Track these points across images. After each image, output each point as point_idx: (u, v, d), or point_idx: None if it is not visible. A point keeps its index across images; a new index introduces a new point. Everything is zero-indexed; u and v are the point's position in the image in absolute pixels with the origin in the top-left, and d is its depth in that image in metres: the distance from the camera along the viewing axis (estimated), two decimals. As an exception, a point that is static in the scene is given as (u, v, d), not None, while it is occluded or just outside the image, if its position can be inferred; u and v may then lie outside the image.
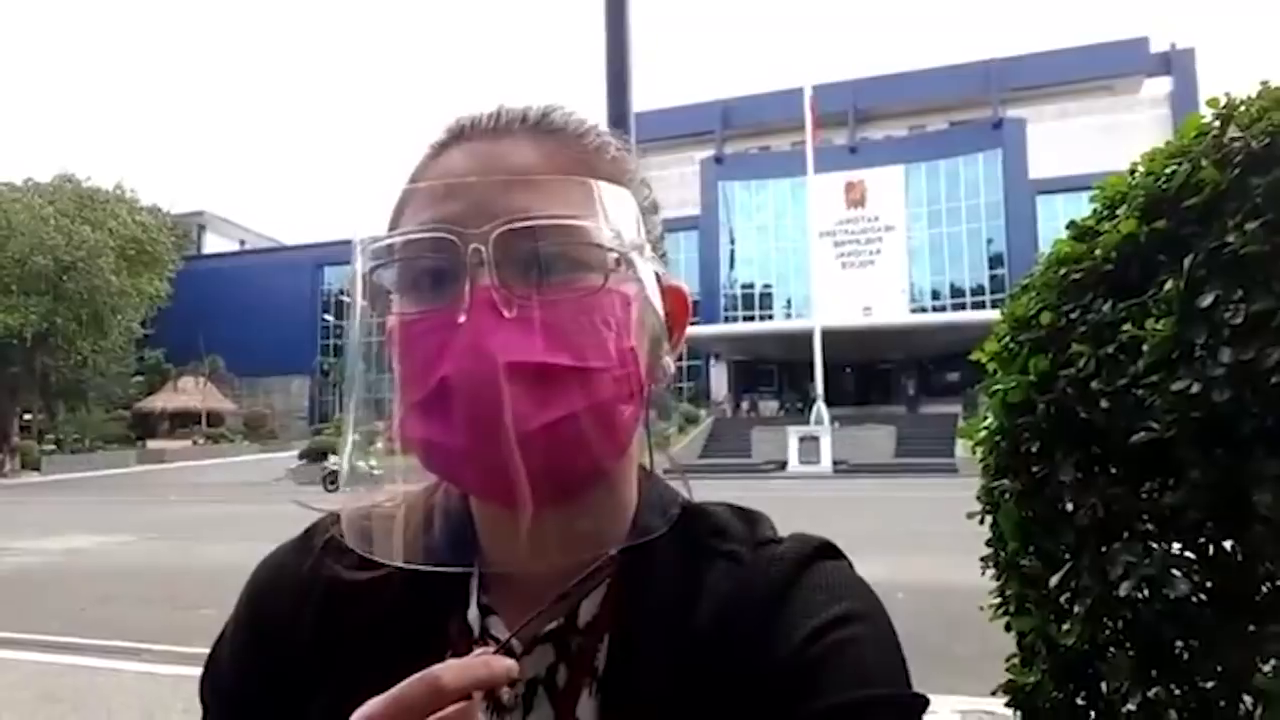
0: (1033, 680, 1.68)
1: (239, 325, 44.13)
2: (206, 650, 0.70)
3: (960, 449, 20.20)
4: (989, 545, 1.82)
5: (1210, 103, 1.50)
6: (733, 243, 41.70)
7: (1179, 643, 1.39)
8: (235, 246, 55.59)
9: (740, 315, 40.71)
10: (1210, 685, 1.36)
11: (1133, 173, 1.62)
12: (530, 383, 0.50)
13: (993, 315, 1.85)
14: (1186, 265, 1.33)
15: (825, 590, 0.60)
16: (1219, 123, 1.46)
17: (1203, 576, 1.37)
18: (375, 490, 0.60)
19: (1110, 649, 1.49)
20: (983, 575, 1.88)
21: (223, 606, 0.68)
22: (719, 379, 40.86)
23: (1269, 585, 1.32)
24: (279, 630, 0.65)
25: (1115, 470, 1.47)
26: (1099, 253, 1.53)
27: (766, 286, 41.40)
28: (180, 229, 37.89)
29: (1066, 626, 1.50)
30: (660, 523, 0.62)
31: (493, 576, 0.63)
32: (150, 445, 37.48)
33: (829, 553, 0.65)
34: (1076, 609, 1.47)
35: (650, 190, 0.66)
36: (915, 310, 38.13)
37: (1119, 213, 1.55)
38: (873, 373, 39.96)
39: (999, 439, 1.70)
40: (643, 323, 0.57)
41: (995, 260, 37.87)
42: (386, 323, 0.56)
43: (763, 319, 40.05)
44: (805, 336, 27.80)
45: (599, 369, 0.53)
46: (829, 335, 27.09)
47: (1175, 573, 1.34)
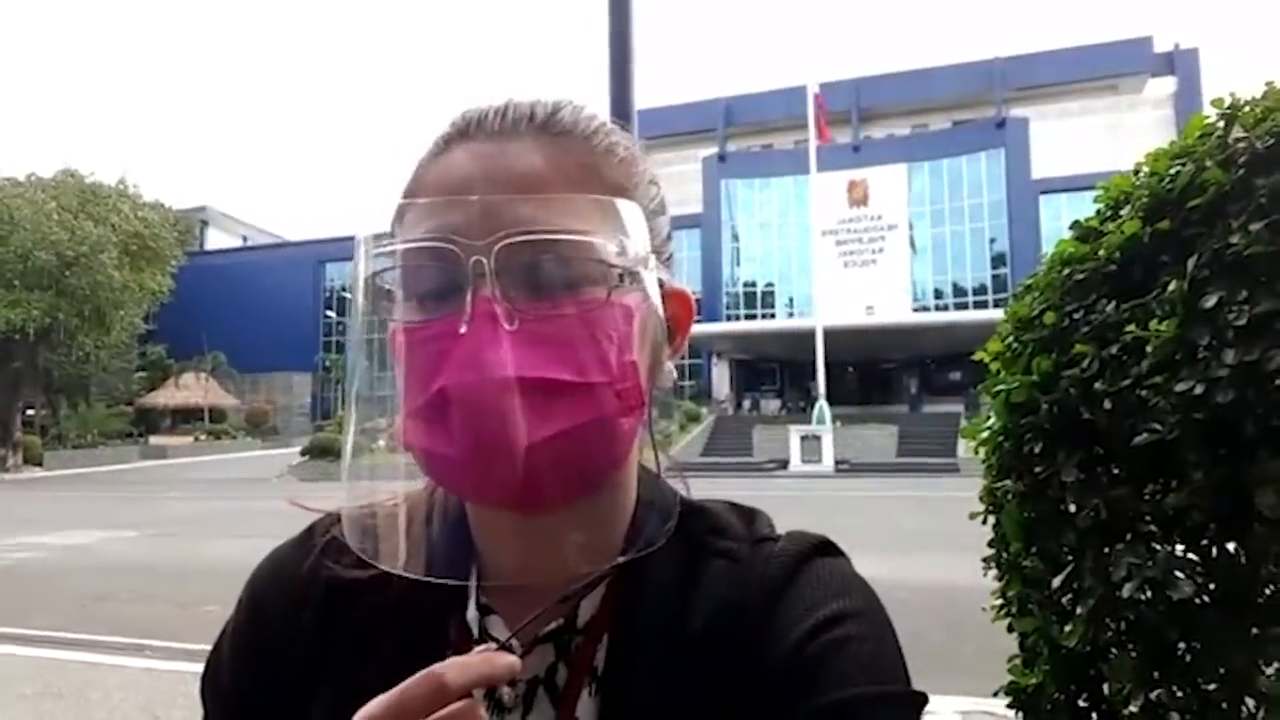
0: (1035, 681, 1.67)
1: (241, 321, 44.22)
2: (208, 646, 0.70)
3: (962, 449, 20.19)
4: (991, 545, 1.82)
5: (1214, 103, 1.49)
6: (735, 241, 41.70)
7: (1181, 644, 1.39)
8: (238, 242, 55.64)
9: (742, 314, 40.71)
10: (1213, 687, 1.36)
11: (1136, 173, 1.61)
12: (529, 397, 0.50)
13: (996, 315, 1.85)
14: (1190, 266, 1.33)
15: (823, 587, 0.60)
16: (1223, 123, 1.46)
17: (1205, 578, 1.36)
18: (375, 490, 0.60)
19: (1112, 650, 1.49)
20: (985, 575, 1.88)
21: (224, 602, 0.67)
22: (721, 377, 40.84)
23: (1272, 587, 1.32)
24: (279, 630, 0.65)
25: (1118, 471, 1.47)
26: (1103, 253, 1.53)
27: (769, 285, 41.40)
28: (183, 225, 37.73)
29: (1069, 627, 1.50)
30: (659, 527, 0.61)
31: (492, 577, 0.63)
32: (152, 441, 37.51)
33: (827, 550, 0.65)
34: (1079, 610, 1.47)
35: (659, 189, 0.65)
36: (918, 309, 38.12)
37: (1123, 213, 1.55)
38: (875, 372, 39.95)
39: (1002, 439, 1.70)
40: (645, 332, 0.57)
41: (998, 260, 37.84)
42: (388, 326, 0.56)
43: (765, 317, 40.05)
44: (807, 335, 27.77)
45: (599, 384, 0.53)
46: (831, 334, 27.08)
47: (1178, 574, 1.33)
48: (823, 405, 25.27)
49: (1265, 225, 1.25)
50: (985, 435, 1.77)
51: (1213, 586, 1.36)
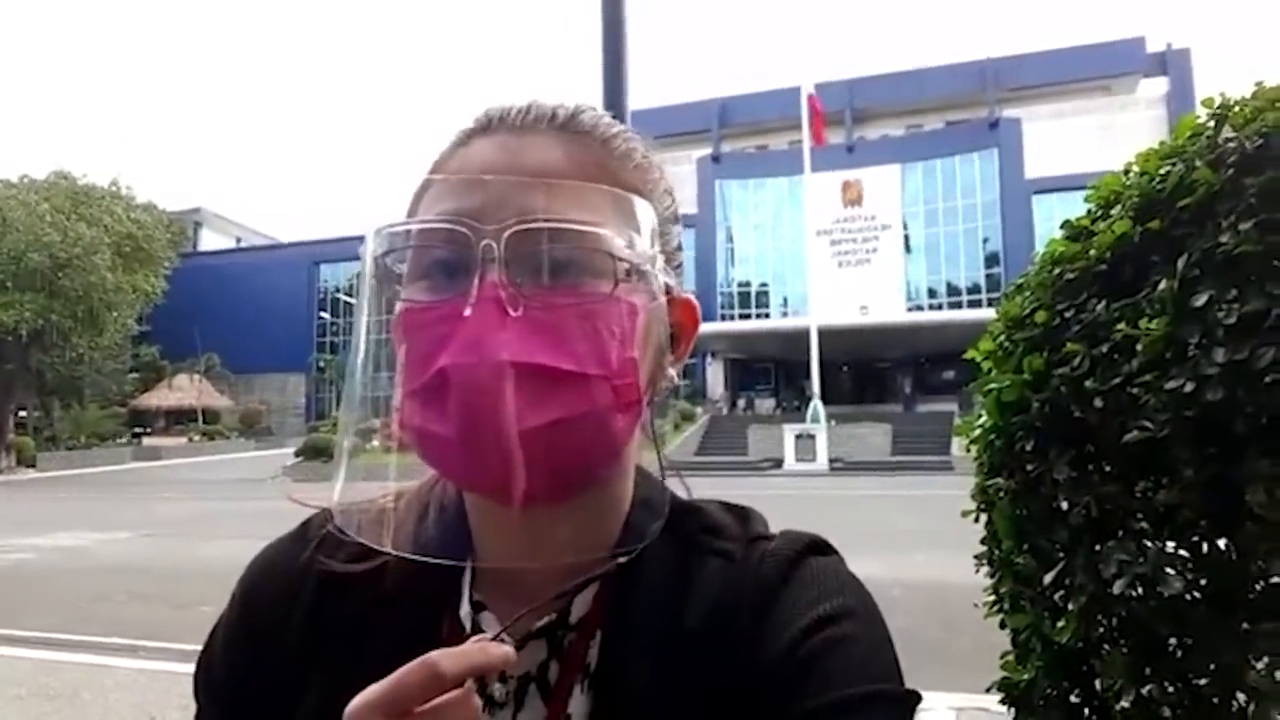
0: (1027, 677, 1.68)
1: (235, 322, 44.05)
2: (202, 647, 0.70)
3: (956, 447, 20.23)
4: (984, 543, 1.82)
5: (1205, 103, 1.50)
6: (730, 241, 41.70)
7: (1173, 640, 1.40)
8: (231, 244, 55.42)
9: (737, 313, 40.70)
10: (1204, 682, 1.37)
11: (1127, 173, 1.62)
12: (528, 383, 0.50)
13: (988, 314, 1.86)
14: (1180, 265, 1.33)
15: (816, 587, 0.61)
16: (1213, 123, 1.47)
17: (1196, 575, 1.37)
18: (372, 482, 0.61)
19: (1104, 646, 1.50)
20: (977, 573, 1.88)
21: (219, 603, 0.68)
22: (715, 377, 40.84)
23: (1262, 583, 1.33)
24: (272, 625, 0.65)
25: (1109, 469, 1.48)
26: (1093, 252, 1.54)
27: (763, 285, 41.40)
28: (176, 226, 37.69)
29: (1061, 624, 1.50)
30: (653, 525, 0.62)
31: (485, 573, 0.63)
32: (146, 442, 37.41)
33: (820, 549, 0.65)
34: (1071, 606, 1.48)
35: (673, 199, 0.66)
36: (911, 309, 38.14)
37: (1113, 213, 1.56)
38: (869, 371, 40.00)
39: (994, 437, 1.71)
40: (648, 332, 0.57)
41: (991, 259, 37.90)
42: (395, 307, 0.57)
43: (759, 317, 40.06)
44: (802, 335, 27.77)
45: (598, 376, 0.53)
46: (825, 334, 27.08)
47: (1169, 571, 1.34)
48: (817, 404, 25.28)
49: (1254, 224, 1.26)
50: (977, 434, 1.78)
51: (1203, 583, 1.37)
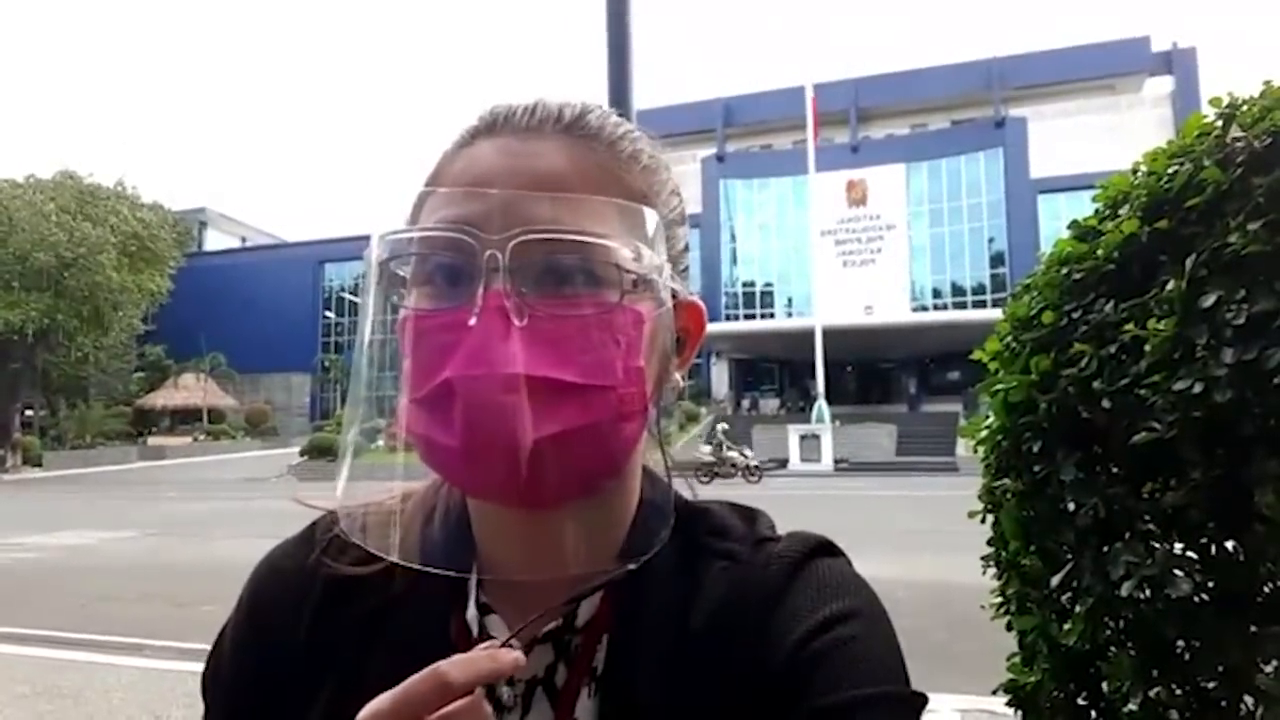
0: (1034, 680, 1.68)
1: (240, 322, 44.19)
2: (208, 646, 0.70)
3: (961, 448, 20.19)
4: (990, 544, 1.82)
5: (1212, 102, 1.50)
6: (734, 241, 41.69)
7: (1180, 643, 1.39)
8: (236, 243, 55.57)
9: (741, 313, 40.70)
10: (1212, 685, 1.36)
11: (1134, 172, 1.62)
12: (533, 395, 0.50)
13: (994, 314, 1.85)
14: (1188, 265, 1.33)
15: (823, 588, 0.60)
16: (1221, 122, 1.46)
17: (1204, 576, 1.36)
18: (378, 485, 0.60)
19: (1111, 649, 1.49)
20: (984, 574, 1.88)
21: (224, 602, 0.68)
22: (720, 377, 40.85)
23: (1270, 585, 1.32)
24: (279, 627, 0.65)
25: (1117, 470, 1.47)
26: (1101, 252, 1.53)
27: (768, 285, 41.39)
28: (181, 226, 37.83)
29: (1068, 626, 1.50)
30: (660, 530, 0.61)
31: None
32: (151, 441, 37.48)
33: (827, 550, 0.65)
34: (1078, 608, 1.47)
35: (680, 200, 0.66)
36: (916, 309, 38.11)
37: (1121, 212, 1.55)
38: (874, 371, 39.98)
39: (1000, 438, 1.70)
40: (654, 340, 0.57)
41: (996, 259, 37.85)
42: (396, 322, 0.56)
43: (764, 317, 40.04)
44: (806, 335, 27.77)
45: (603, 387, 0.53)
46: (830, 334, 27.07)
47: (1177, 573, 1.33)
48: (822, 405, 25.28)
49: (1263, 224, 1.25)
50: (984, 434, 1.77)
51: (1211, 585, 1.36)
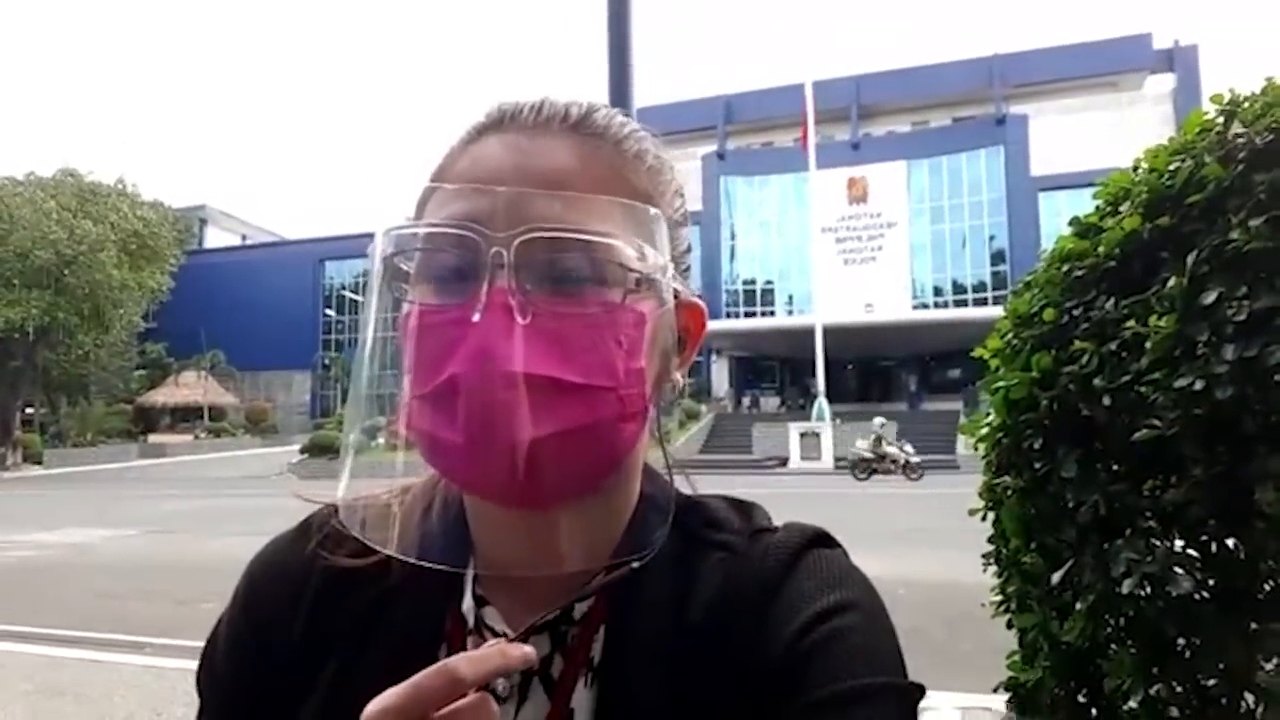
0: (1034, 677, 1.68)
1: (240, 320, 44.17)
2: (208, 644, 0.70)
3: (961, 446, 20.18)
4: (991, 542, 1.82)
5: (1214, 99, 1.49)
6: (734, 238, 41.66)
7: (1181, 640, 1.39)
8: (237, 241, 55.56)
9: (742, 311, 40.66)
10: (1212, 682, 1.36)
11: (1136, 169, 1.61)
12: (534, 393, 0.50)
13: (995, 312, 1.85)
14: (1189, 262, 1.33)
15: (820, 579, 0.61)
16: (1222, 119, 1.46)
17: (1204, 574, 1.36)
18: (376, 480, 0.61)
19: (1112, 646, 1.49)
20: (984, 572, 1.88)
21: (224, 599, 0.68)
22: (720, 375, 40.83)
23: (1271, 583, 1.32)
24: (275, 621, 0.65)
25: (1117, 467, 1.47)
26: (1102, 249, 1.53)
27: (768, 282, 41.37)
28: (182, 223, 37.81)
29: (1068, 623, 1.50)
30: (658, 527, 0.62)
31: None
32: (152, 439, 37.49)
33: (824, 541, 0.65)
34: (1078, 606, 1.47)
35: (683, 201, 0.66)
36: (917, 307, 38.09)
37: (1122, 209, 1.55)
38: (874, 369, 39.95)
39: (1001, 436, 1.70)
40: (655, 340, 0.58)
41: (997, 257, 37.81)
42: (402, 308, 0.56)
43: (764, 315, 40.02)
44: (807, 333, 27.77)
45: (604, 388, 0.53)
46: (830, 331, 27.07)
47: (1177, 570, 1.33)
48: (822, 402, 25.29)
49: (1264, 221, 1.25)
50: (985, 432, 1.77)
51: (1212, 582, 1.36)
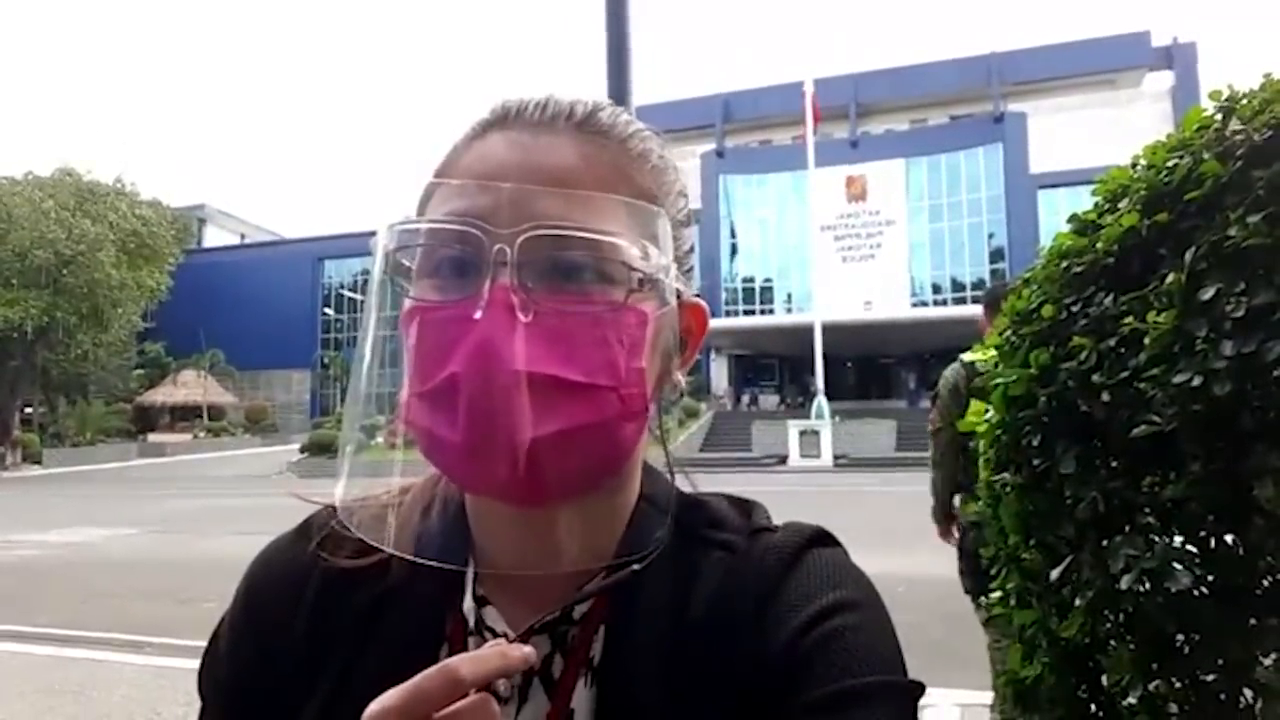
0: (1033, 673, 1.68)
1: (239, 319, 44.16)
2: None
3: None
4: (990, 539, 1.82)
5: (1212, 95, 1.49)
6: (733, 237, 41.66)
7: (1180, 636, 1.39)
8: (235, 240, 55.54)
9: (741, 309, 40.67)
10: (1211, 678, 1.36)
11: (1134, 166, 1.61)
12: (535, 392, 0.50)
13: (994, 309, 1.85)
14: (1188, 258, 1.33)
15: (820, 578, 0.61)
16: (1221, 116, 1.46)
17: (1204, 570, 1.36)
18: (376, 479, 0.61)
19: (1111, 642, 1.49)
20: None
21: (225, 599, 0.68)
22: (719, 373, 40.83)
23: (1270, 579, 1.32)
24: (275, 621, 0.65)
25: (1116, 463, 1.47)
26: (1100, 246, 1.53)
27: (767, 280, 41.38)
28: (181, 222, 37.77)
29: (1067, 620, 1.50)
30: (658, 526, 0.62)
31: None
32: (151, 439, 37.52)
33: (824, 540, 0.65)
34: (1077, 602, 1.47)
35: (686, 201, 0.66)
36: (916, 305, 38.09)
37: (1120, 206, 1.55)
38: (873, 367, 39.98)
39: (999, 432, 1.70)
40: (657, 340, 0.58)
41: (996, 255, 37.83)
42: (403, 304, 0.56)
43: (763, 313, 40.04)
44: (806, 330, 27.77)
45: (605, 387, 0.53)
46: (830, 329, 27.08)
47: (1176, 566, 1.33)
48: (821, 400, 25.29)
49: (1263, 217, 1.25)
50: (983, 429, 1.77)
51: (1211, 578, 1.36)
